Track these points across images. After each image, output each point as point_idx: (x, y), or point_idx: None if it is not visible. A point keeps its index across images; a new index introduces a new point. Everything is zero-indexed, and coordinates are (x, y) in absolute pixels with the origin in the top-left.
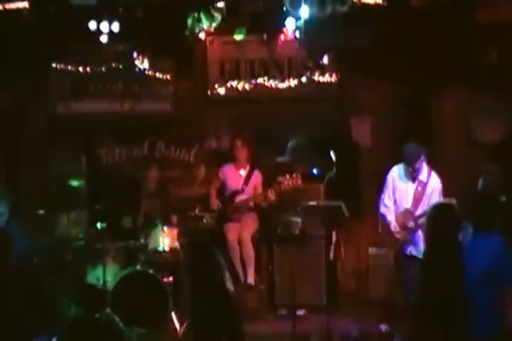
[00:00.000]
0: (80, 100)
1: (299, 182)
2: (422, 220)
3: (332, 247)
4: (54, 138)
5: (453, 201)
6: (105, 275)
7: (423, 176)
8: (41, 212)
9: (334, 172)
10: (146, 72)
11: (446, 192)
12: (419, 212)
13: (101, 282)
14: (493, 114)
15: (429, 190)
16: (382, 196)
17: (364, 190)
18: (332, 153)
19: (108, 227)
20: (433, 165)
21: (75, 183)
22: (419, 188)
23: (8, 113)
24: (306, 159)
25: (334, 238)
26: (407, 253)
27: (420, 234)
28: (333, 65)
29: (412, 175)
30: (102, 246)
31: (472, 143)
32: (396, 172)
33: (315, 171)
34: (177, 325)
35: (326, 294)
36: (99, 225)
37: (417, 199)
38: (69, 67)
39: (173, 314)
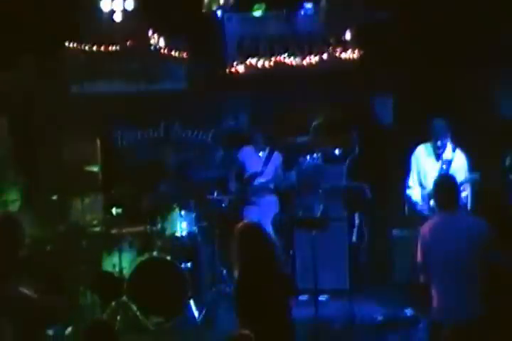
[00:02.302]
0: (94, 80)
1: (320, 162)
2: None
3: (355, 230)
4: (68, 120)
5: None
6: (121, 261)
7: (447, 154)
8: (54, 197)
9: (356, 153)
10: (162, 51)
11: (472, 170)
12: None
13: (117, 269)
14: None
15: (454, 167)
16: (408, 178)
17: (387, 171)
18: (354, 133)
19: (124, 212)
20: (458, 143)
21: (92, 168)
22: (444, 166)
23: (21, 94)
24: (328, 139)
25: (357, 220)
26: None
27: None
28: (355, 41)
29: (438, 152)
30: (117, 232)
31: (497, 120)
32: (420, 151)
33: (337, 152)
34: (195, 313)
35: (349, 278)
36: (114, 210)
37: None
38: (82, 47)
39: (191, 301)
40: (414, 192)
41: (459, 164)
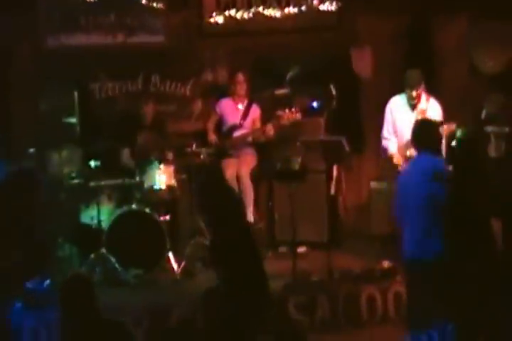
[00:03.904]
0: (71, 33)
1: (299, 116)
2: None
3: (333, 182)
4: (44, 73)
5: (452, 126)
6: (100, 214)
7: (422, 104)
8: (31, 150)
9: (335, 106)
10: (139, 2)
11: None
12: None
13: (95, 221)
14: (496, 43)
15: (429, 117)
16: (383, 129)
17: (365, 124)
18: (332, 86)
19: (102, 165)
20: (435, 95)
21: (70, 120)
22: (420, 117)
23: None
24: (306, 91)
25: (335, 173)
26: None
27: None
28: None
29: (412, 102)
30: (96, 185)
31: (475, 72)
32: (395, 103)
33: (315, 104)
34: (174, 265)
35: (327, 230)
36: (92, 163)
37: None
38: None
39: (170, 254)
40: (390, 144)
41: (434, 114)
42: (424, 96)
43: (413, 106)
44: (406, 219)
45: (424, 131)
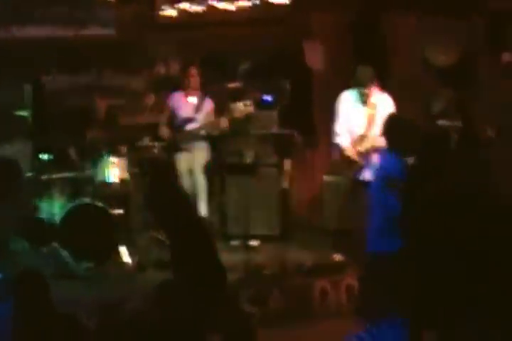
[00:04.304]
0: (22, 25)
1: (251, 109)
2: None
3: (285, 176)
4: None
5: None
6: (52, 208)
7: (374, 99)
8: None
9: (287, 99)
10: None
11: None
12: (373, 135)
13: (47, 215)
14: (447, 36)
15: (381, 112)
16: (335, 124)
17: (318, 117)
18: (285, 79)
19: (54, 159)
20: (387, 89)
21: (21, 113)
22: (372, 111)
23: None
24: (259, 85)
25: (287, 166)
26: (362, 179)
27: (375, 157)
28: None
29: (364, 98)
30: (47, 178)
31: (426, 66)
32: (346, 98)
33: (268, 98)
34: (127, 259)
35: (279, 224)
36: (44, 156)
37: (371, 123)
38: None
39: (122, 247)
40: (343, 138)
41: (386, 108)
42: (376, 91)
43: (364, 101)
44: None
45: (393, 130)
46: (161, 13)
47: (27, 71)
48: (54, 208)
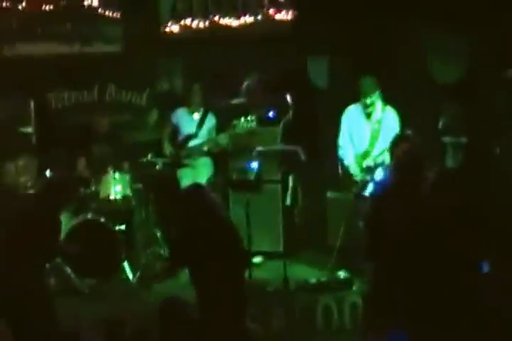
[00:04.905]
0: (27, 42)
1: (254, 125)
2: (381, 159)
3: (289, 192)
4: (0, 81)
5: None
6: None
7: (378, 114)
8: None
9: (291, 115)
10: (95, 12)
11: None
12: (377, 150)
13: None
14: (453, 54)
15: (385, 127)
16: (339, 139)
17: (322, 133)
18: (288, 95)
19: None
20: (391, 104)
21: (26, 130)
22: (376, 126)
23: None
24: (262, 101)
25: (291, 183)
26: (366, 194)
27: (380, 173)
28: (289, 1)
29: (367, 111)
30: None
31: (432, 82)
32: (350, 112)
33: (271, 114)
34: (130, 275)
35: (283, 241)
36: (48, 173)
37: (374, 138)
38: (15, 6)
39: (125, 263)
40: (347, 154)
41: (391, 123)
42: (380, 105)
43: (368, 115)
44: None
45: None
46: (165, 29)
47: (31, 88)
48: None
